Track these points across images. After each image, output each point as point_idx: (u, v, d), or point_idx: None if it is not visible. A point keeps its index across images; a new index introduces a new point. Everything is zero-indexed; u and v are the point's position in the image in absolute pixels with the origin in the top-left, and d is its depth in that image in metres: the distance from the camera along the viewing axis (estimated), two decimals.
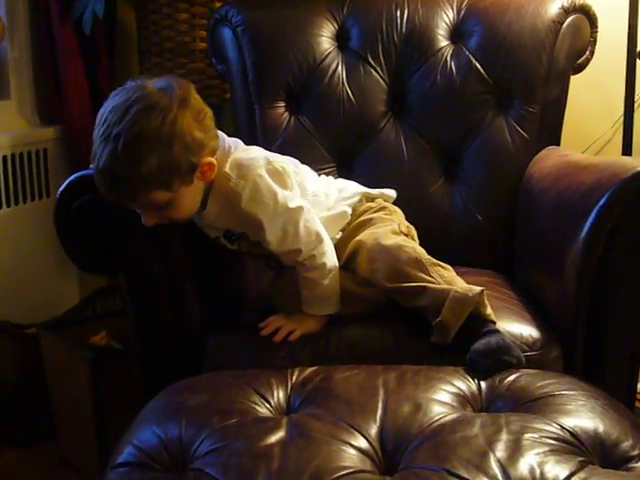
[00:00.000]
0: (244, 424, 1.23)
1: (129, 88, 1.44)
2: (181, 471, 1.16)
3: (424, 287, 1.52)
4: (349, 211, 1.70)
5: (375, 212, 1.71)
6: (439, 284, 1.53)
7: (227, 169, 1.52)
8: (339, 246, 1.65)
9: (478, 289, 1.51)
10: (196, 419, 1.25)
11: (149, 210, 1.49)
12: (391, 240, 1.59)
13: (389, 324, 1.57)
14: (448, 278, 1.55)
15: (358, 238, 1.63)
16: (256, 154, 1.60)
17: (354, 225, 1.69)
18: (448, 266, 1.58)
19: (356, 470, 1.12)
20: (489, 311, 1.51)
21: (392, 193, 1.79)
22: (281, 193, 1.55)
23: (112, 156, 1.39)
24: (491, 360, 1.40)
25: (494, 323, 1.51)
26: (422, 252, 1.58)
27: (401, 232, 1.66)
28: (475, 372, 1.39)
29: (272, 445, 1.16)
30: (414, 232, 1.72)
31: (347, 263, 1.64)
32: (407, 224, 1.71)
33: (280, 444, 1.17)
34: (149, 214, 1.50)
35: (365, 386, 1.33)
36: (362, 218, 1.70)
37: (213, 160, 1.49)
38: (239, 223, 1.58)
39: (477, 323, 1.50)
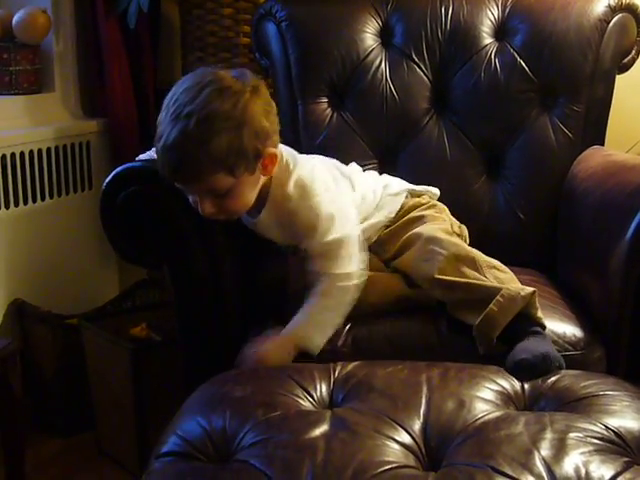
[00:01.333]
0: (288, 417, 1.23)
1: (201, 72, 1.47)
2: (225, 462, 1.16)
3: (476, 284, 1.51)
4: (396, 207, 1.70)
5: (426, 209, 1.71)
6: (492, 283, 1.52)
7: (290, 189, 1.55)
8: (385, 241, 1.65)
9: (530, 289, 1.49)
10: (240, 411, 1.25)
11: (208, 197, 1.49)
12: (447, 238, 1.58)
13: (432, 321, 1.57)
14: (504, 280, 1.54)
15: (413, 232, 1.63)
16: (318, 174, 1.61)
17: (404, 221, 1.69)
18: (506, 268, 1.57)
19: (400, 465, 1.12)
20: (539, 314, 1.50)
21: (436, 191, 1.79)
22: (338, 218, 1.56)
23: (182, 133, 1.41)
24: (534, 363, 1.38)
25: (544, 327, 1.50)
26: (478, 254, 1.57)
27: (454, 232, 1.66)
28: (516, 372, 1.38)
29: (316, 438, 1.16)
30: (466, 232, 1.73)
31: (392, 259, 1.64)
32: (459, 224, 1.72)
33: (324, 437, 1.17)
34: (208, 202, 1.49)
35: (408, 382, 1.33)
36: (412, 214, 1.70)
37: (276, 151, 1.52)
38: (291, 238, 1.61)
39: (525, 323, 1.48)
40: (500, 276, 1.54)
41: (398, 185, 1.77)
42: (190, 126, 1.40)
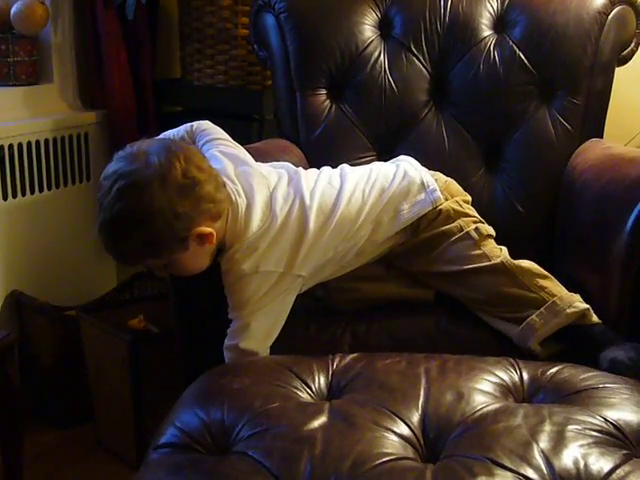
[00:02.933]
0: (286, 408, 1.23)
1: (125, 156, 1.45)
2: (223, 453, 1.16)
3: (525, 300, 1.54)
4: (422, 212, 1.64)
5: (457, 221, 1.64)
6: (538, 295, 1.54)
7: (221, 259, 1.53)
8: (401, 255, 1.65)
9: (581, 307, 1.52)
10: (238, 402, 1.25)
11: (153, 267, 1.53)
12: (486, 267, 1.58)
13: (432, 313, 1.58)
14: (550, 288, 1.55)
15: (444, 270, 1.60)
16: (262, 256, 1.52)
17: (431, 235, 1.63)
18: (547, 274, 1.58)
19: (398, 457, 1.12)
20: (595, 319, 1.52)
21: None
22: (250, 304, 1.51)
23: (101, 226, 1.43)
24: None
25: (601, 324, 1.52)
26: (517, 265, 1.57)
27: (487, 235, 1.63)
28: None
29: (315, 430, 1.17)
30: (492, 230, 1.67)
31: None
32: (486, 225, 1.66)
33: (322, 429, 1.17)
34: (157, 269, 1.53)
35: (407, 374, 1.33)
36: (443, 228, 1.63)
37: (209, 230, 1.46)
38: None
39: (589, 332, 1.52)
40: (545, 284, 1.56)
41: (418, 184, 1.66)
42: (105, 223, 1.42)
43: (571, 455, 1.09)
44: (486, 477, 1.05)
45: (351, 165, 1.78)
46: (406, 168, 1.69)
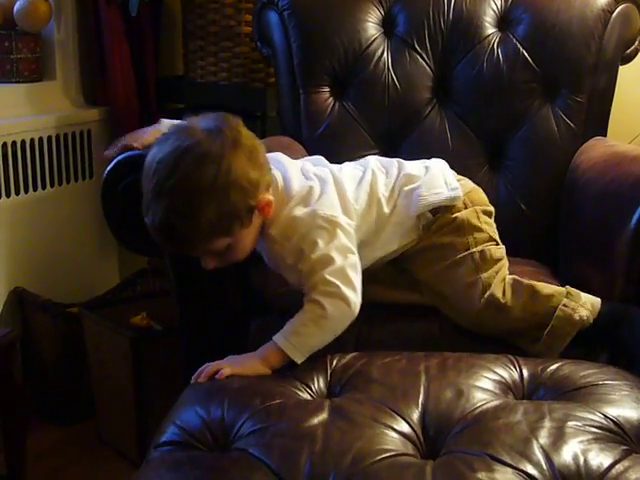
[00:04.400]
0: (286, 406, 1.23)
1: (177, 134, 1.38)
2: (224, 451, 1.16)
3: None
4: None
5: (467, 236, 1.58)
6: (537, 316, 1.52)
7: (273, 230, 1.46)
8: (410, 259, 1.61)
9: (584, 313, 1.51)
10: (238, 400, 1.25)
11: (208, 255, 1.44)
12: (479, 304, 1.53)
13: (434, 313, 1.58)
14: (546, 301, 1.53)
15: (443, 292, 1.57)
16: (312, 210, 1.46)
17: (439, 243, 1.57)
18: (531, 283, 1.56)
19: (398, 453, 1.12)
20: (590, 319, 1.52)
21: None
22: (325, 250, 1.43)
23: (168, 211, 1.33)
24: None
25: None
26: (505, 304, 1.52)
27: (494, 260, 1.58)
28: None
29: (315, 427, 1.17)
30: (500, 253, 1.61)
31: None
32: (495, 248, 1.60)
33: (322, 426, 1.17)
34: (209, 259, 1.44)
35: (406, 372, 1.33)
36: (450, 240, 1.57)
37: (270, 197, 1.43)
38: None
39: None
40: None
41: (443, 188, 1.60)
42: (174, 204, 1.33)
43: (571, 451, 1.09)
44: (486, 473, 1.05)
45: None
46: (432, 165, 1.66)
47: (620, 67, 2.02)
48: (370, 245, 1.55)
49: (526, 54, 1.96)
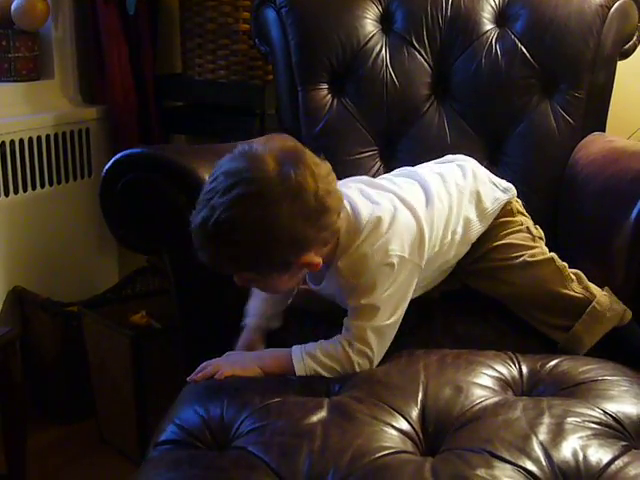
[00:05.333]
0: (285, 404, 1.23)
1: (252, 156, 1.29)
2: (223, 449, 1.16)
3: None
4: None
5: (518, 216, 1.62)
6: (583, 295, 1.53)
7: (342, 263, 1.39)
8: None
9: (619, 309, 1.51)
10: (237, 399, 1.26)
11: (237, 275, 1.37)
12: (539, 260, 1.55)
13: (438, 313, 1.58)
14: (591, 288, 1.53)
15: (497, 260, 1.57)
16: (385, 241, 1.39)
17: (492, 224, 1.59)
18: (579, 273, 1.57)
19: (398, 450, 1.12)
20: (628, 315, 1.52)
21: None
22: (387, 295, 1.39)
23: (203, 225, 1.27)
24: None
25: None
26: (564, 265, 1.55)
27: (540, 237, 1.62)
28: None
29: (314, 424, 1.17)
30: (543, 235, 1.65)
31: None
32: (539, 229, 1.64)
33: (322, 424, 1.17)
34: (239, 279, 1.37)
35: (406, 370, 1.34)
36: (505, 219, 1.60)
37: (315, 259, 1.33)
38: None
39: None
40: (588, 286, 1.54)
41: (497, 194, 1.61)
42: (210, 223, 1.25)
43: (570, 447, 1.09)
44: (485, 469, 1.05)
45: (353, 160, 1.78)
46: (473, 168, 1.65)
47: (619, 62, 2.02)
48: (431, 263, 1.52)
49: (524, 50, 1.96)
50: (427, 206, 1.50)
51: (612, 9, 1.95)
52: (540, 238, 1.62)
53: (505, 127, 1.98)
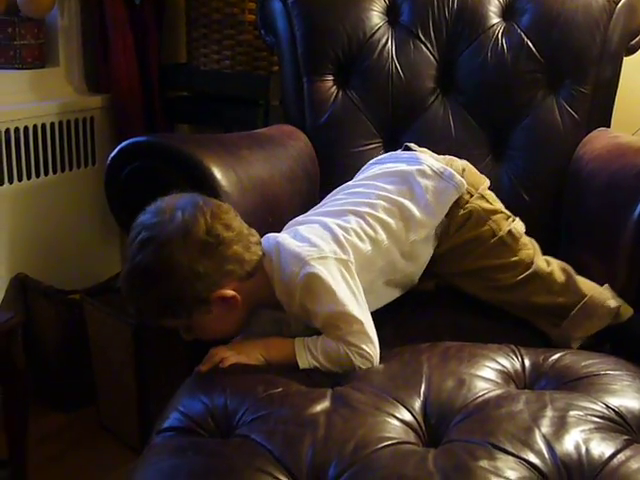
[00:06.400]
0: (288, 394, 1.24)
1: (153, 209, 1.37)
2: (226, 437, 1.17)
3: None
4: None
5: (488, 222, 1.57)
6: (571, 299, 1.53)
7: (278, 295, 1.40)
8: (437, 257, 1.58)
9: (613, 306, 1.50)
10: (241, 388, 1.26)
11: (179, 329, 1.42)
12: (521, 279, 1.55)
13: (436, 304, 1.59)
14: (581, 288, 1.54)
15: (477, 276, 1.57)
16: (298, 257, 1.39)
17: (463, 241, 1.56)
18: (571, 271, 1.57)
19: (400, 441, 1.12)
20: (623, 310, 1.51)
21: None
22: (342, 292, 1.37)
23: (123, 277, 1.36)
24: None
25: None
26: (548, 272, 1.55)
27: (520, 236, 1.58)
28: None
29: (317, 414, 1.17)
30: (522, 227, 1.61)
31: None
32: (517, 223, 1.60)
33: (325, 413, 1.17)
34: (181, 331, 1.42)
35: (408, 362, 1.34)
36: (475, 233, 1.56)
37: (230, 293, 1.36)
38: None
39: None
40: (581, 286, 1.55)
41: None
42: (125, 275, 1.35)
43: (573, 440, 1.10)
44: (488, 461, 1.05)
45: (357, 152, 1.78)
46: (405, 169, 1.59)
47: (625, 58, 2.01)
48: (392, 273, 1.53)
49: (530, 44, 1.96)
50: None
51: (619, 4, 1.95)
52: (517, 239, 1.57)
53: (510, 121, 1.98)
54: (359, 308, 1.37)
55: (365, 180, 1.62)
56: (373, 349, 1.35)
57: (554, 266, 1.57)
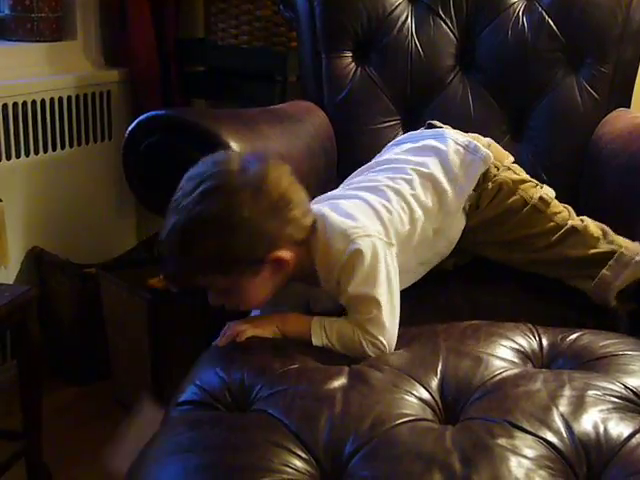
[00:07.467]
0: (306, 370, 1.23)
1: (215, 159, 1.32)
2: (243, 411, 1.17)
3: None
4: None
5: (518, 192, 1.56)
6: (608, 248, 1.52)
7: (318, 266, 1.37)
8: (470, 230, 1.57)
9: None
10: (258, 363, 1.25)
11: (211, 291, 1.35)
12: (559, 238, 1.55)
13: (455, 281, 1.58)
14: (616, 240, 1.53)
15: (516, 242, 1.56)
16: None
17: (495, 213, 1.55)
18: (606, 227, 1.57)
19: (417, 418, 1.12)
20: None
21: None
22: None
23: (172, 230, 1.27)
24: None
25: None
26: (584, 226, 1.55)
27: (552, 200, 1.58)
28: None
29: (334, 390, 1.17)
30: (552, 191, 1.62)
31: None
32: (545, 188, 1.60)
33: (342, 389, 1.17)
34: (212, 294, 1.36)
35: (425, 340, 1.33)
36: (507, 203, 1.55)
37: (285, 255, 1.31)
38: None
39: None
40: (617, 240, 1.54)
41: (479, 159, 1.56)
42: (178, 225, 1.26)
43: (591, 420, 1.09)
44: (506, 439, 1.04)
45: (375, 129, 1.77)
46: (433, 144, 1.59)
47: None
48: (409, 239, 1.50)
49: (551, 23, 1.94)
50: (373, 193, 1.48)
51: None
52: (549, 203, 1.57)
53: (529, 100, 1.97)
54: (388, 295, 1.35)
55: (397, 155, 1.61)
56: (389, 340, 1.33)
57: (588, 222, 1.56)
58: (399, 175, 1.52)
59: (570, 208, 1.60)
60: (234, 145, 1.57)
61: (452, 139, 1.58)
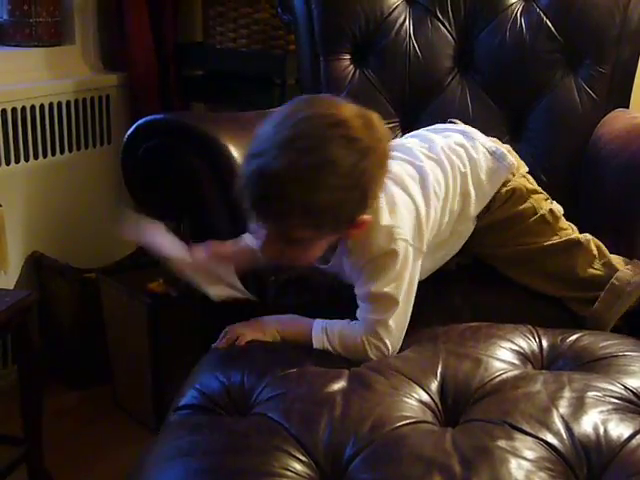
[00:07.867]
0: (305, 373, 1.24)
1: (324, 103, 1.24)
2: (243, 415, 1.17)
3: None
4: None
5: (529, 200, 1.56)
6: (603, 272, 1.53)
7: (351, 243, 1.33)
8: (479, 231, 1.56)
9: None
10: (258, 367, 1.26)
11: (277, 241, 1.24)
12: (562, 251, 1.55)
13: (457, 283, 1.58)
14: (612, 263, 1.54)
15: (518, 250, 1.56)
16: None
17: (505, 217, 1.55)
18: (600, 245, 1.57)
19: (418, 420, 1.12)
20: None
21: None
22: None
23: (289, 167, 1.15)
24: None
25: None
26: (586, 239, 1.56)
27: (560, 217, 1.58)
28: None
29: (334, 393, 1.17)
30: (561, 209, 1.61)
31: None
32: (555, 204, 1.60)
33: (342, 393, 1.17)
34: (274, 245, 1.25)
35: (425, 343, 1.34)
36: (518, 208, 1.55)
37: (369, 218, 1.28)
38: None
39: None
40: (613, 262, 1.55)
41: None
42: (301, 164, 1.15)
43: (591, 421, 1.09)
44: (506, 441, 1.05)
45: None
46: (463, 142, 1.57)
47: None
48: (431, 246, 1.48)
49: (549, 24, 1.94)
50: (420, 184, 1.44)
51: None
52: (558, 218, 1.58)
53: (528, 101, 1.96)
54: (405, 303, 1.35)
55: (447, 146, 1.56)
56: (393, 344, 1.34)
57: (589, 238, 1.57)
58: (440, 168, 1.49)
59: (574, 227, 1.60)
60: (233, 149, 1.57)
61: (480, 142, 1.58)
